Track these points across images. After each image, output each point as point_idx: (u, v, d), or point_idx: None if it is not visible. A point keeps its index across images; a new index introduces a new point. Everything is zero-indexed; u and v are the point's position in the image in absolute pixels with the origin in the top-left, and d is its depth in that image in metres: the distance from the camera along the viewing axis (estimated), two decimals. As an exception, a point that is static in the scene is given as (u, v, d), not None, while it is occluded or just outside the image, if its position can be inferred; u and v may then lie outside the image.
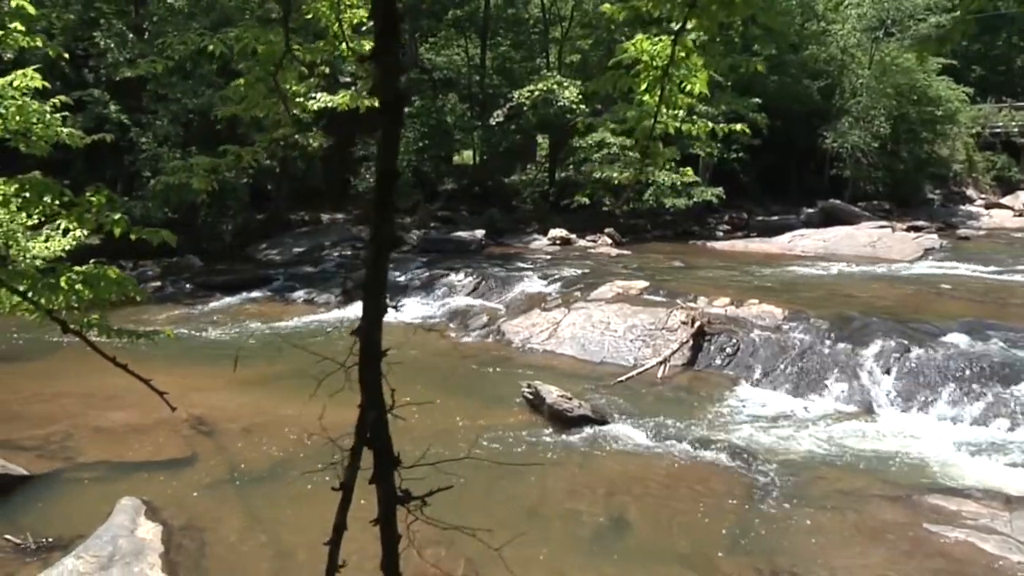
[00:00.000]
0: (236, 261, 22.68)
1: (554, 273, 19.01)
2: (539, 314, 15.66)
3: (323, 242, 24.21)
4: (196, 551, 6.90)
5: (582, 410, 10.43)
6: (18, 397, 10.84)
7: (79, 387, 11.49)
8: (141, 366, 12.14)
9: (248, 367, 13.04)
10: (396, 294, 18.64)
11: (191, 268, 21.54)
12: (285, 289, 19.43)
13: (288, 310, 17.68)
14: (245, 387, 11.72)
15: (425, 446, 9.10)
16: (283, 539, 7.23)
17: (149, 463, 8.79)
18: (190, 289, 19.63)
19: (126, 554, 6.39)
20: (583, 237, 26.11)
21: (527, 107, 27.28)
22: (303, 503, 7.97)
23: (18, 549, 6.85)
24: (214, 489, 8.25)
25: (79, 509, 7.66)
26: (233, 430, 9.80)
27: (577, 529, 7.94)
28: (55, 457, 8.85)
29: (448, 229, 26.53)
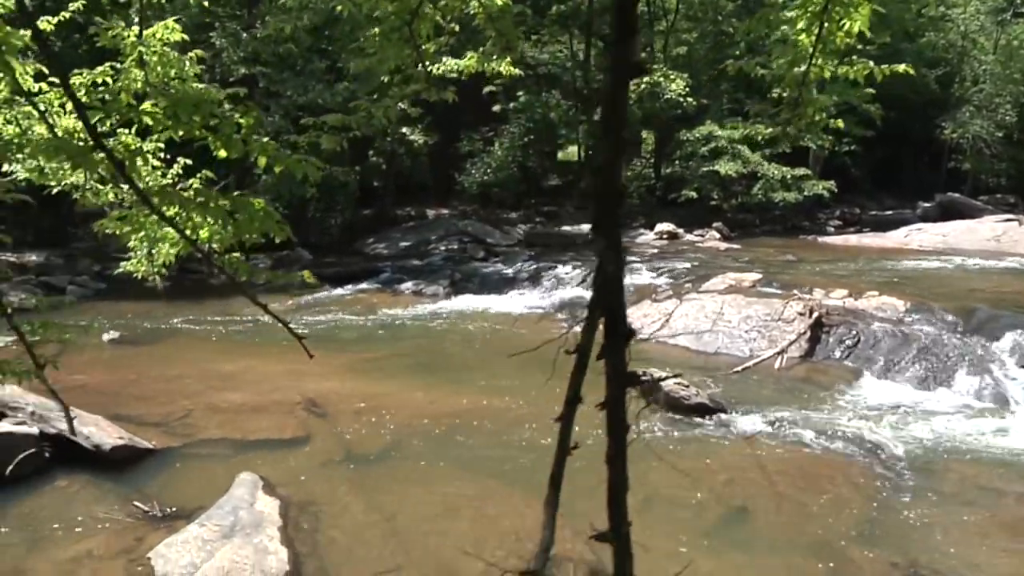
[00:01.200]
0: (344, 255, 22.97)
1: (663, 266, 18.70)
2: (650, 305, 15.38)
3: (429, 236, 24.34)
4: (312, 526, 6.88)
5: (699, 398, 10.12)
6: (142, 378, 11.11)
7: (197, 370, 11.74)
8: (255, 351, 12.49)
9: (359, 353, 13.17)
10: (504, 286, 18.63)
11: (301, 261, 21.92)
12: (393, 281, 19.58)
13: (397, 300, 17.79)
14: (357, 372, 11.81)
15: (540, 430, 9.08)
16: (398, 518, 7.16)
17: (265, 441, 8.84)
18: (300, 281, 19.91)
19: (246, 525, 6.40)
20: (690, 232, 25.65)
21: (632, 101, 26.91)
22: (416, 484, 7.93)
23: (146, 515, 6.98)
24: (329, 468, 8.25)
25: (200, 482, 7.75)
26: (346, 412, 9.81)
27: (699, 516, 7.67)
28: (176, 433, 8.99)
29: (553, 224, 26.41)
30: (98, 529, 6.82)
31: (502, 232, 24.53)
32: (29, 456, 7.67)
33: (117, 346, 13.30)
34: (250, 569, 5.87)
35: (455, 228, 24.76)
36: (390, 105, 4.59)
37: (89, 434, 8.03)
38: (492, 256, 22.10)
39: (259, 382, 11.10)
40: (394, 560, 6.43)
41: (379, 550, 6.61)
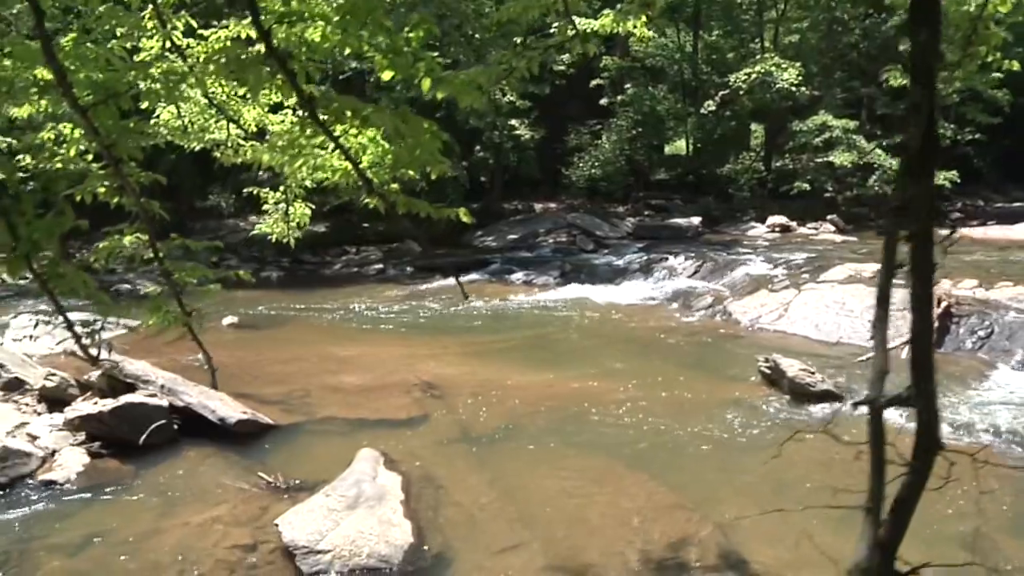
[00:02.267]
0: (452, 247, 23.12)
1: (778, 257, 18.21)
2: (767, 295, 14.95)
3: (537, 229, 24.28)
4: (434, 501, 6.81)
5: (825, 385, 9.73)
6: (261, 359, 11.32)
7: (313, 353, 11.91)
8: (369, 337, 12.58)
9: (472, 339, 13.18)
10: (615, 277, 18.46)
11: (410, 253, 22.25)
12: (503, 272, 19.63)
13: (507, 290, 17.80)
14: (471, 357, 11.81)
15: (658, 414, 8.87)
16: (519, 496, 7.04)
17: (384, 420, 8.85)
18: (410, 272, 20.28)
19: (369, 497, 6.37)
20: (803, 225, 24.93)
21: (743, 91, 26.34)
22: (536, 463, 7.81)
23: (270, 486, 7.04)
24: (447, 446, 8.20)
25: (320, 456, 7.80)
26: (462, 394, 9.76)
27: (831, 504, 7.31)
28: (296, 411, 9.09)
29: (662, 217, 26.04)
30: (225, 497, 6.92)
31: (610, 225, 24.30)
32: (160, 427, 7.85)
33: (236, 330, 13.62)
34: (375, 539, 5.83)
35: (563, 221, 24.64)
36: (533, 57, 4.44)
37: (215, 408, 8.18)
38: (601, 248, 21.93)
39: (375, 365, 11.18)
40: (517, 537, 6.31)
41: (501, 526, 6.50)
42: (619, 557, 5.93)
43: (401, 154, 3.58)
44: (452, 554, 5.99)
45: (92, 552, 6.06)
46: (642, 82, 28.31)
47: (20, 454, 7.30)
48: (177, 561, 5.85)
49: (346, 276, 20.49)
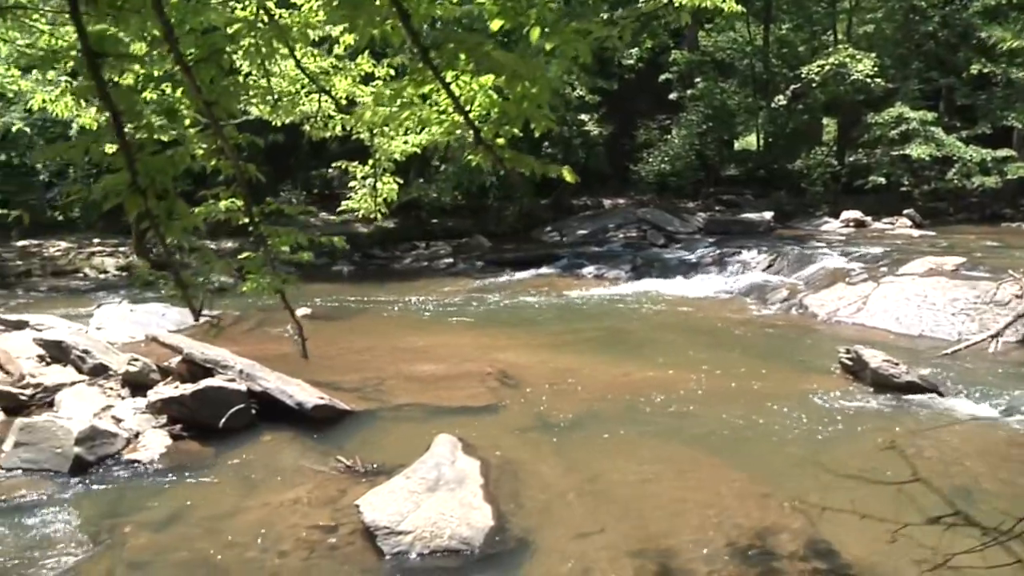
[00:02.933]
0: (521, 243, 23.12)
1: (854, 251, 17.84)
2: (844, 288, 14.62)
3: (607, 224, 24.13)
4: (512, 486, 6.75)
5: (910, 376, 9.44)
6: (335, 349, 11.39)
7: (386, 343, 11.97)
8: (442, 328, 12.61)
9: (544, 331, 13.14)
10: (688, 270, 18.27)
11: (480, 248, 22.30)
12: (573, 266, 19.56)
13: (577, 284, 17.72)
14: (544, 347, 11.76)
15: (735, 405, 8.69)
16: (597, 482, 6.96)
17: (459, 408, 8.82)
18: (480, 266, 20.33)
19: (449, 480, 6.33)
20: (878, 220, 24.30)
21: (816, 84, 25.82)
22: (614, 451, 7.71)
23: (348, 470, 7.05)
24: (524, 433, 8.14)
25: (396, 442, 7.80)
26: (537, 383, 9.70)
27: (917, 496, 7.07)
28: (371, 398, 9.11)
29: (733, 213, 25.68)
30: (303, 479, 6.95)
31: (681, 220, 24.02)
32: (238, 411, 7.93)
33: (309, 321, 13.70)
34: (456, 522, 5.79)
35: (633, 216, 24.44)
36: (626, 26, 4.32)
37: (292, 393, 8.23)
38: (672, 243, 21.71)
39: (448, 355, 11.18)
40: (597, 522, 6.22)
41: (580, 511, 6.42)
42: (704, 544, 5.80)
43: (508, 107, 3.50)
44: (533, 538, 5.92)
45: (176, 529, 6.13)
46: (712, 76, 27.95)
47: (107, 434, 7.43)
48: (258, 539, 5.89)
49: (416, 270, 20.59)
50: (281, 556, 5.68)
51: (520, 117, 3.52)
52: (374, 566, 5.55)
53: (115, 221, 23.32)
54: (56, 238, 22.72)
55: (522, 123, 3.61)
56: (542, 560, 5.66)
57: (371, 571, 5.49)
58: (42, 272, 20.32)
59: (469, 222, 24.55)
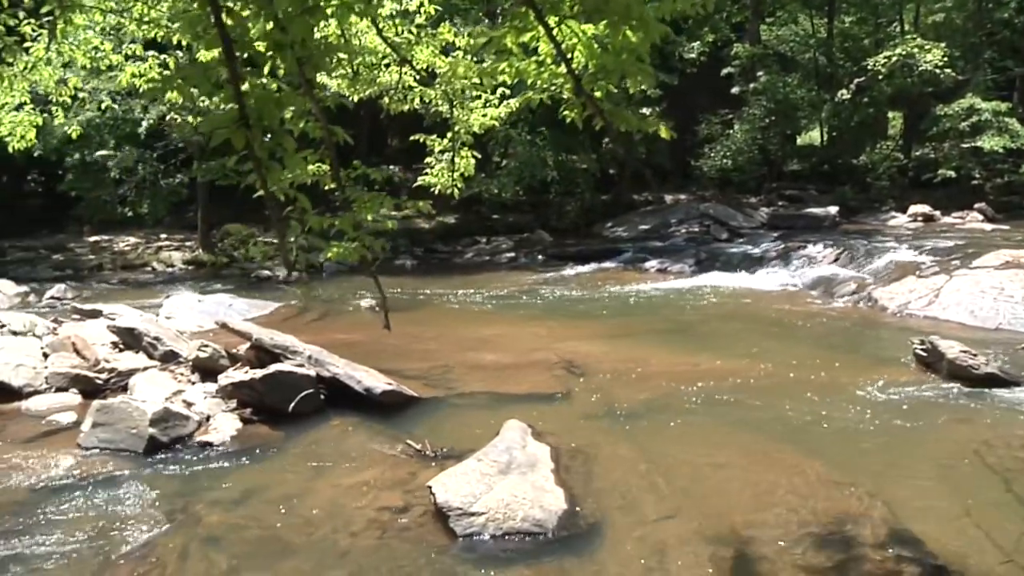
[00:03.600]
0: (582, 238, 23.05)
1: (924, 244, 17.42)
2: (915, 280, 14.28)
3: (669, 220, 23.96)
4: (584, 471, 6.68)
5: (989, 368, 9.16)
6: (401, 339, 11.40)
7: (451, 333, 11.99)
8: (507, 320, 12.58)
9: (610, 322, 13.06)
10: (752, 264, 18.04)
11: (542, 242, 22.32)
12: (636, 260, 19.48)
13: (640, 277, 17.62)
14: (610, 338, 11.68)
15: (805, 394, 8.51)
16: (668, 469, 6.84)
17: (526, 396, 8.77)
18: (542, 260, 20.37)
19: (521, 464, 6.28)
20: (947, 214, 23.75)
21: (882, 76, 25.27)
22: (685, 439, 7.63)
23: (418, 453, 7.04)
24: (593, 421, 8.06)
25: (465, 427, 7.77)
26: (604, 372, 9.62)
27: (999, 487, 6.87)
28: (437, 386, 9.10)
29: (796, 207, 25.28)
30: (373, 463, 6.96)
31: (744, 215, 23.74)
32: (307, 396, 7.97)
33: (375, 313, 13.82)
34: (529, 504, 5.73)
35: (695, 211, 24.22)
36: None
37: (360, 378, 8.25)
38: (736, 237, 21.47)
39: (513, 345, 11.16)
40: (671, 508, 6.13)
41: (653, 497, 6.32)
42: (782, 530, 5.68)
43: (607, 59, 3.41)
44: (606, 522, 5.84)
45: (247, 508, 6.17)
46: (774, 70, 27.51)
47: (179, 416, 7.52)
48: (329, 519, 5.90)
49: (478, 264, 20.63)
50: (352, 536, 5.68)
51: (617, 71, 3.44)
52: (446, 547, 5.51)
53: (181, 217, 23.78)
54: (125, 233, 23.20)
55: (618, 78, 3.53)
56: (616, 544, 5.58)
57: (443, 552, 5.46)
58: (112, 266, 20.77)
59: (529, 217, 24.55)
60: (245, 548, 5.58)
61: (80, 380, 9.02)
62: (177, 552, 5.50)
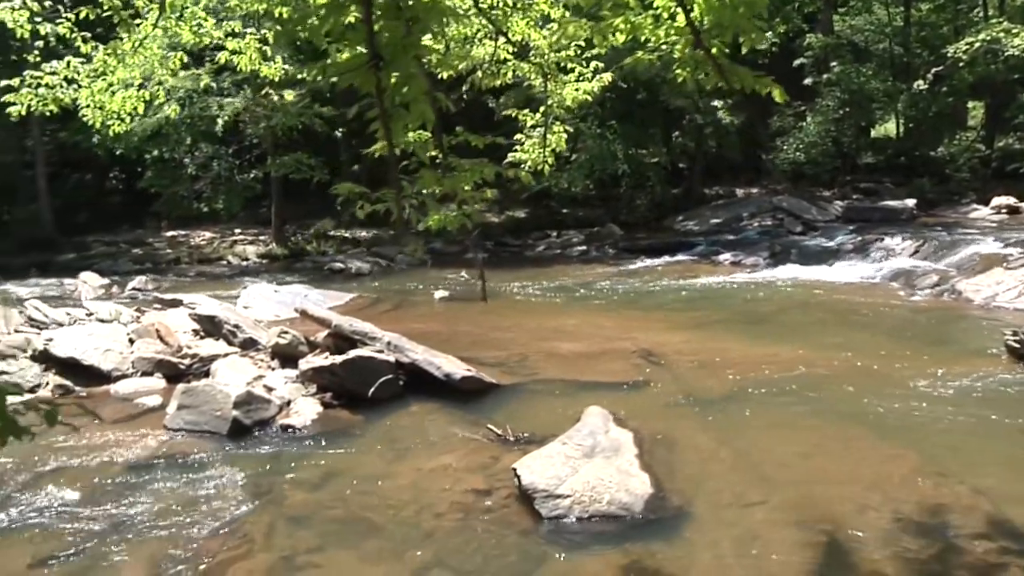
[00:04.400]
0: (653, 232, 22.84)
1: (1010, 236, 16.84)
2: (1002, 272, 13.82)
3: (741, 213, 23.58)
4: (667, 457, 6.58)
5: (1090, 360, 8.83)
6: (475, 328, 11.45)
7: (526, 323, 11.95)
8: (580, 311, 12.51)
9: (685, 313, 12.91)
10: (828, 257, 17.68)
11: (612, 236, 22.18)
12: (709, 253, 19.23)
13: (714, 270, 17.38)
14: (686, 328, 11.53)
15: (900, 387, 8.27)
16: (751, 456, 6.71)
17: (604, 384, 8.67)
18: (613, 253, 20.25)
19: (605, 448, 6.20)
20: (1035, 206, 22.94)
21: (963, 64, 24.51)
22: (767, 426, 7.45)
23: (499, 438, 7.02)
24: (672, 408, 7.94)
25: (544, 414, 7.71)
26: (682, 361, 9.49)
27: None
28: (515, 374, 9.06)
29: (872, 200, 24.68)
30: (453, 447, 6.95)
31: (818, 208, 23.25)
32: (386, 381, 8.00)
33: (447, 303, 13.89)
34: (615, 487, 5.66)
35: (768, 205, 23.81)
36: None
37: (440, 364, 8.26)
38: (810, 230, 21.04)
39: (589, 335, 11.07)
40: (757, 494, 5.99)
41: (738, 483, 6.20)
42: (876, 518, 5.52)
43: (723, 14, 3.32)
44: (692, 507, 5.74)
45: (330, 489, 6.20)
46: (848, 60, 26.88)
47: (261, 400, 7.60)
48: (412, 501, 5.90)
49: (549, 257, 20.57)
50: (436, 517, 5.66)
51: (732, 27, 3.35)
52: (531, 528, 5.47)
53: (254, 213, 24.15)
54: (201, 229, 23.66)
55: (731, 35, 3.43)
56: (705, 529, 5.48)
57: (529, 533, 5.41)
58: (189, 260, 21.17)
59: (599, 212, 24.41)
60: (330, 527, 5.60)
61: (164, 365, 9.20)
62: (264, 529, 5.56)
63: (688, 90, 21.97)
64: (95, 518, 5.77)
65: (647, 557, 5.16)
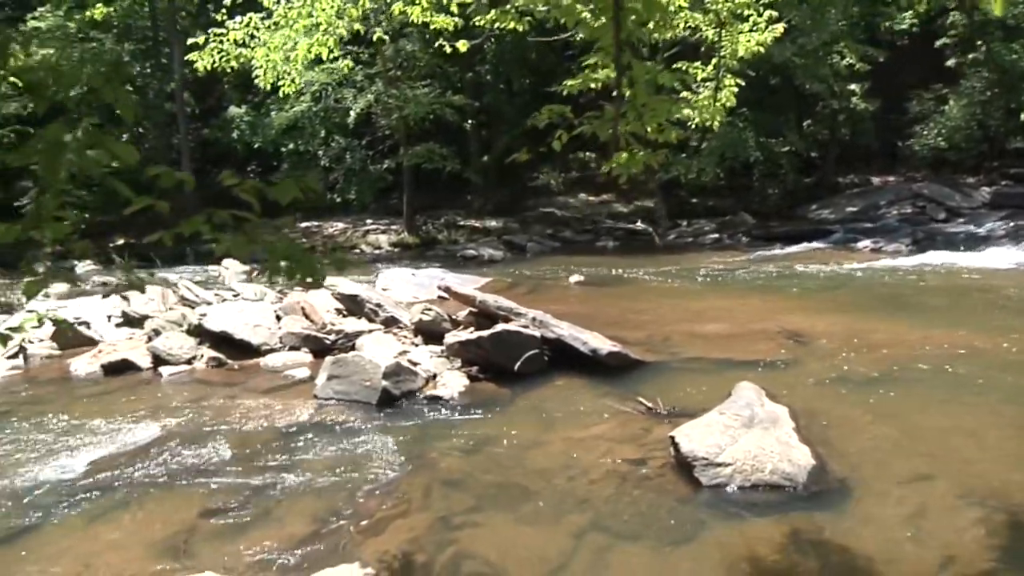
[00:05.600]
0: (785, 221, 22.30)
1: None
2: None
3: (878, 201, 22.79)
4: (823, 432, 6.34)
5: None
6: (613, 310, 11.37)
7: (664, 306, 11.82)
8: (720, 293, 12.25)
9: (828, 297, 12.55)
10: (977, 244, 16.90)
11: (744, 224, 21.81)
12: (847, 240, 18.70)
13: (853, 256, 16.87)
14: (830, 311, 11.18)
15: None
16: (912, 433, 6.39)
17: (751, 362, 8.43)
18: (747, 241, 19.92)
19: (763, 420, 6.02)
20: None
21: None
22: (922, 406, 7.09)
23: (649, 411, 6.91)
24: (824, 387, 7.65)
25: (693, 389, 7.55)
26: (829, 342, 9.16)
27: None
28: (658, 352, 8.92)
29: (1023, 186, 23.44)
30: (603, 418, 6.87)
31: (962, 194, 22.24)
32: (532, 356, 7.98)
33: (583, 287, 13.82)
34: (777, 457, 5.47)
35: (907, 192, 22.93)
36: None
37: (586, 340, 8.19)
38: (955, 217, 20.18)
39: (730, 317, 10.84)
40: (923, 469, 5.70)
41: (902, 459, 5.91)
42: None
43: None
44: (857, 481, 5.50)
45: (482, 456, 6.20)
46: (996, 38, 25.54)
47: (409, 371, 7.68)
48: (565, 469, 5.84)
49: (681, 245, 20.34)
50: (591, 484, 5.59)
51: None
52: (690, 496, 5.33)
53: (384, 203, 24.63)
54: (333, 219, 24.26)
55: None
56: (871, 503, 5.23)
57: (688, 501, 5.28)
58: (323, 249, 21.71)
59: (729, 201, 24.00)
60: (484, 491, 5.59)
61: (310, 340, 9.42)
62: (420, 490, 5.59)
63: (823, 73, 21.36)
64: (255, 476, 5.93)
65: (812, 528, 4.96)
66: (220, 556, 4.76)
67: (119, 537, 5.14)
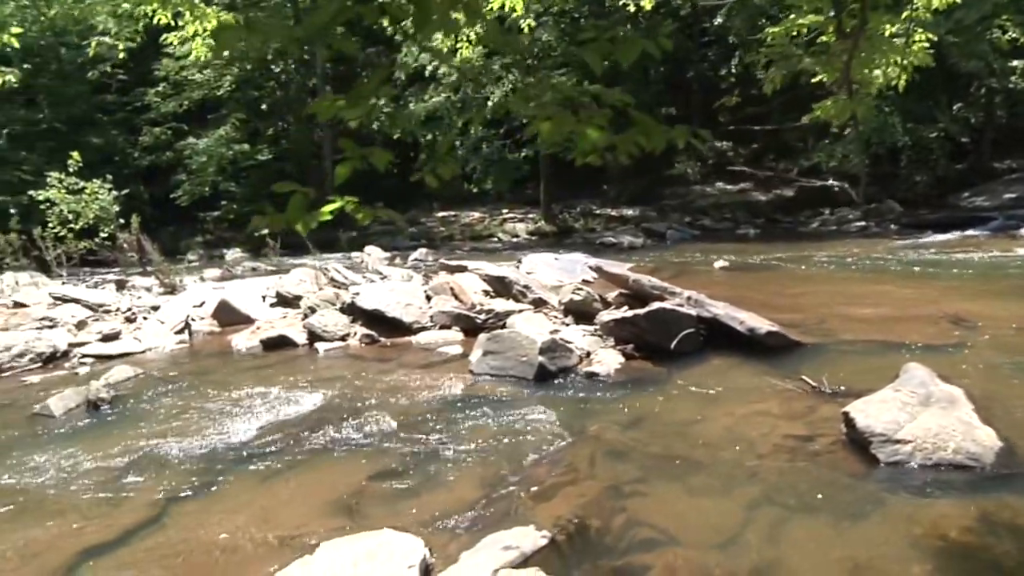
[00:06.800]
0: (934, 208, 21.38)
1: None
2: None
3: (1040, 187, 21.59)
4: (1003, 414, 5.97)
5: None
6: (762, 294, 11.13)
7: (816, 290, 11.55)
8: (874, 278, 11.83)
9: (991, 282, 11.98)
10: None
11: (892, 212, 21.03)
12: (1007, 228, 17.79)
13: (1017, 245, 15.99)
14: (997, 296, 10.70)
15: None
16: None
17: (915, 345, 8.09)
18: (896, 228, 19.19)
19: (940, 399, 5.75)
20: None
21: None
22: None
23: (813, 389, 6.71)
24: (997, 369, 7.22)
25: (856, 370, 7.27)
26: (998, 327, 8.69)
27: None
28: (815, 334, 8.66)
29: None
30: (765, 396, 6.72)
31: None
32: (689, 335, 7.87)
33: (728, 272, 13.58)
34: (960, 436, 5.23)
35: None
36: None
37: (744, 319, 8.04)
38: None
39: (888, 301, 10.46)
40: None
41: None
42: None
43: None
44: (1048, 465, 5.20)
45: (643, 430, 6.14)
46: None
47: (564, 348, 7.69)
48: (730, 443, 5.73)
49: (825, 233, 19.77)
50: (759, 458, 5.47)
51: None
52: (866, 473, 5.15)
53: (520, 193, 24.79)
54: (469, 208, 24.57)
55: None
56: (1067, 486, 4.95)
57: (864, 477, 5.10)
58: (461, 236, 22.06)
59: (873, 189, 23.17)
60: (649, 462, 5.53)
61: (461, 319, 9.55)
62: (586, 461, 5.58)
63: (982, 50, 20.27)
64: (419, 444, 6.04)
65: (1002, 509, 4.72)
66: (392, 516, 4.85)
67: (293, 495, 5.31)
